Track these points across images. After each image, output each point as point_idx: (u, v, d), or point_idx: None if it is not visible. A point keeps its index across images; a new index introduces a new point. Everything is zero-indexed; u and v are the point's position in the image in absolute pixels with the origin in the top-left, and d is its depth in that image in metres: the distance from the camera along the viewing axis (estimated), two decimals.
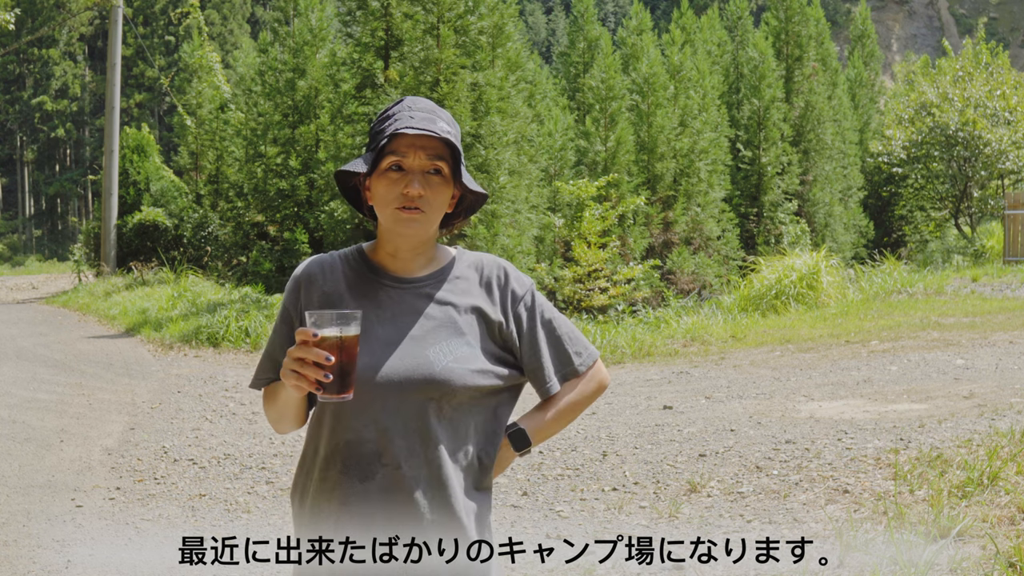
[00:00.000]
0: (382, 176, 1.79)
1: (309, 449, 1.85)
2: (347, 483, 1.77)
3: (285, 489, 5.49)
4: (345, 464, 1.78)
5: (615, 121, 17.50)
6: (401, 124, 1.77)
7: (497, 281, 1.89)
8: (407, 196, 1.76)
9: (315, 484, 1.81)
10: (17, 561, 4.37)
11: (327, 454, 1.80)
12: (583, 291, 14.32)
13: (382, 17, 13.43)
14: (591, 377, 1.98)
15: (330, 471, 1.79)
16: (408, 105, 1.81)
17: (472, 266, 1.90)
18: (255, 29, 54.64)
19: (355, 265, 1.87)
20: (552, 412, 1.93)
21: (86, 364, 10.39)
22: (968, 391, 6.84)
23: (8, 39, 39.83)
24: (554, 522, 4.61)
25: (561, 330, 1.94)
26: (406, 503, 1.77)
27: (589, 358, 1.96)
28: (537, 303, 1.92)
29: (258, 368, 1.90)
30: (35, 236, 52.98)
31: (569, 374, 1.94)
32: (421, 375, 1.76)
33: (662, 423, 6.59)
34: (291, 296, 1.86)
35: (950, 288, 13.86)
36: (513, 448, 1.90)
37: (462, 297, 1.85)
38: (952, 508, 4.03)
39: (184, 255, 19.44)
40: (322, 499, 1.80)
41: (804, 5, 23.25)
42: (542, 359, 1.90)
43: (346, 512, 1.77)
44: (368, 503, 1.77)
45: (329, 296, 1.82)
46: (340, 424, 1.78)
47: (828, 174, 22.50)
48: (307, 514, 1.82)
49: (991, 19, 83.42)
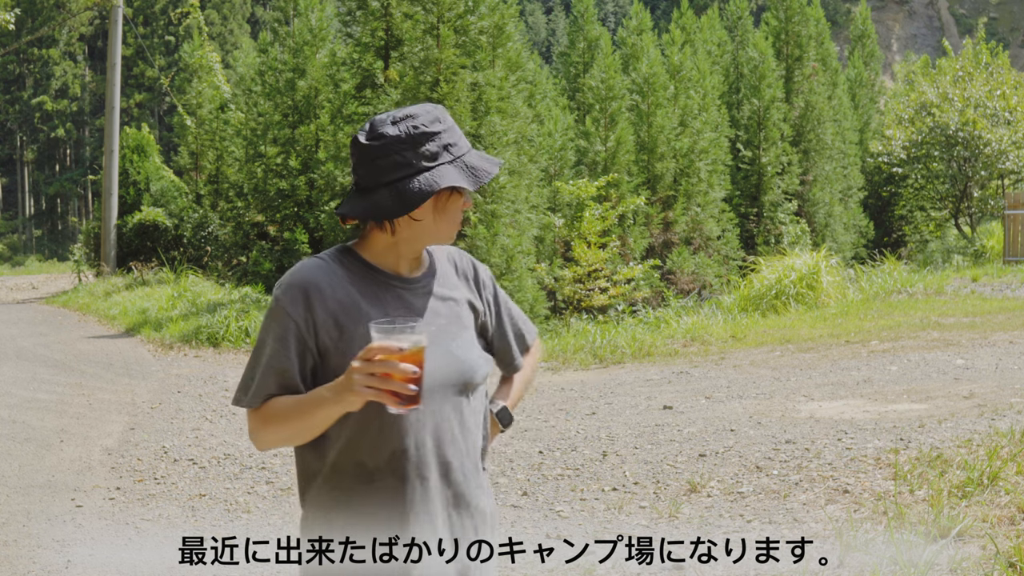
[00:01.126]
0: (456, 197, 1.85)
1: (345, 462, 1.79)
2: (409, 488, 1.79)
3: (285, 489, 5.48)
4: (404, 470, 1.79)
5: (615, 121, 17.50)
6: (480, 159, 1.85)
7: (471, 272, 2.00)
8: (463, 212, 1.88)
9: (364, 495, 1.78)
10: (17, 561, 4.37)
11: (376, 465, 1.78)
12: (583, 291, 14.32)
13: (382, 17, 13.43)
14: (536, 347, 2.16)
15: (387, 479, 1.78)
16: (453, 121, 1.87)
17: (447, 259, 1.98)
18: (255, 29, 54.63)
19: (355, 269, 1.85)
20: (519, 386, 2.09)
21: (86, 364, 10.39)
22: (968, 391, 6.84)
23: (8, 39, 39.83)
24: (554, 522, 4.61)
25: (514, 309, 2.09)
26: (458, 495, 1.85)
27: (533, 331, 2.14)
28: (498, 288, 2.06)
29: (256, 385, 1.78)
30: (35, 236, 52.96)
31: (524, 349, 2.10)
32: (456, 372, 1.83)
33: (662, 423, 6.59)
34: (298, 307, 1.77)
35: (950, 288, 13.85)
36: (502, 425, 2.02)
37: (455, 291, 1.93)
38: (952, 508, 4.03)
39: (184, 255, 19.44)
40: (377, 507, 1.78)
41: (804, 5, 23.24)
42: (509, 339, 2.05)
43: (413, 514, 1.79)
44: (430, 502, 1.81)
45: (344, 304, 1.79)
46: (390, 432, 1.78)
47: (828, 174, 22.50)
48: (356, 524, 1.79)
49: (991, 19, 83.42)
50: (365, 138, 1.81)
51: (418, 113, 1.83)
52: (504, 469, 5.63)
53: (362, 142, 1.81)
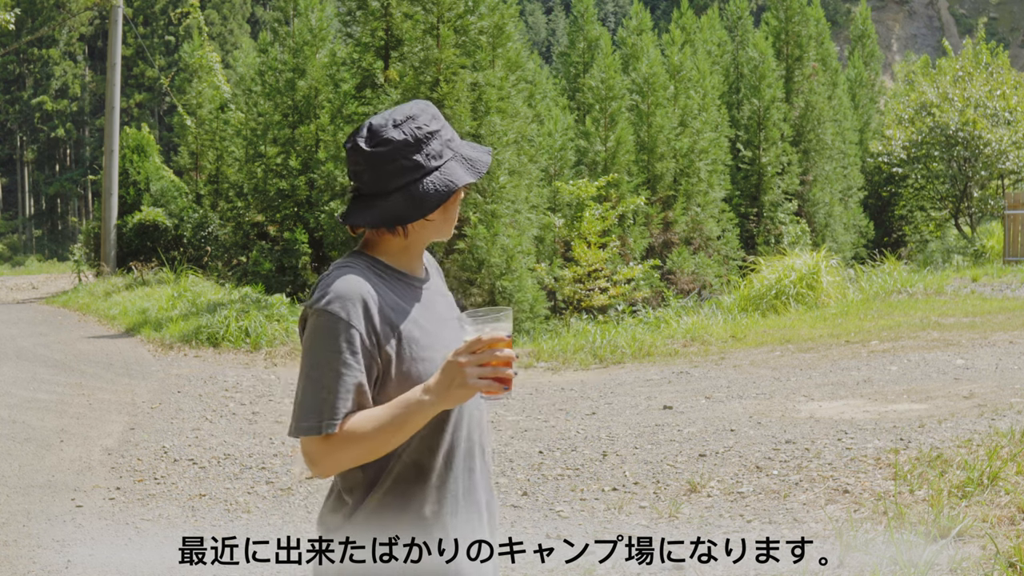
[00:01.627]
0: (457, 194, 1.87)
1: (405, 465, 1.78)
2: (460, 481, 1.84)
3: (285, 489, 5.48)
4: (457, 464, 1.83)
5: (615, 121, 17.49)
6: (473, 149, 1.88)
7: (437, 268, 2.05)
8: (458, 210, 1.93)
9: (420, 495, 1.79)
10: (17, 561, 4.37)
11: (433, 463, 1.80)
12: (583, 291, 14.32)
13: (382, 17, 13.43)
14: None
15: (441, 475, 1.81)
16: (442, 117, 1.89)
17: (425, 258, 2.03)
18: (255, 29, 54.62)
19: (384, 273, 1.85)
20: None
21: (86, 364, 10.39)
22: (968, 391, 6.84)
23: (8, 39, 39.83)
24: (554, 522, 4.61)
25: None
26: (487, 478, 1.92)
27: None
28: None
29: (333, 406, 1.70)
30: (35, 236, 52.96)
31: None
32: None
33: (662, 423, 6.59)
34: (358, 318, 1.72)
35: (950, 288, 13.85)
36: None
37: (443, 286, 2.01)
38: (952, 508, 4.03)
39: (184, 255, 19.43)
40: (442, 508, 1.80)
41: (804, 5, 23.24)
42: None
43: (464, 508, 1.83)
44: (476, 492, 1.87)
45: (394, 309, 1.80)
46: (442, 428, 1.81)
47: (828, 174, 22.49)
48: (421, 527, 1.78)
49: (991, 19, 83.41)
50: (368, 145, 1.79)
51: (417, 113, 1.82)
52: (504, 469, 5.63)
53: (366, 149, 1.78)
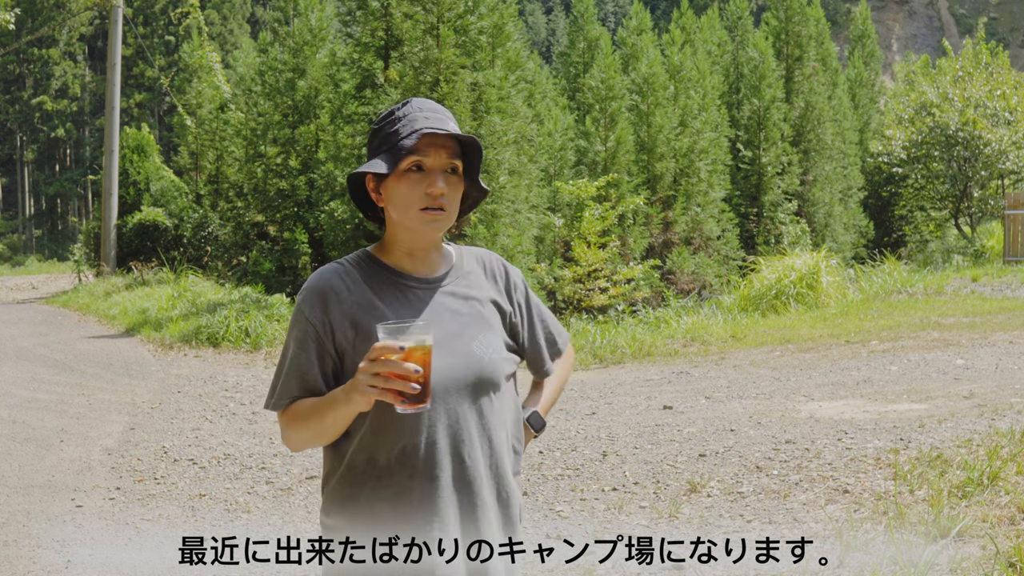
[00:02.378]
0: (403, 177, 1.81)
1: (359, 459, 1.81)
2: (419, 485, 1.79)
3: (285, 489, 5.49)
4: (413, 466, 1.79)
5: (615, 121, 17.49)
6: (420, 124, 1.80)
7: (499, 273, 1.99)
8: (431, 195, 1.80)
9: (373, 492, 1.80)
10: (17, 561, 4.37)
11: (389, 460, 1.79)
12: (583, 291, 14.32)
13: (382, 17, 13.42)
14: (568, 354, 2.14)
15: (395, 476, 1.79)
16: (419, 107, 1.84)
17: (475, 260, 1.97)
18: (255, 29, 54.62)
19: (372, 270, 1.87)
20: (550, 391, 2.07)
21: (86, 364, 10.39)
22: (968, 391, 6.84)
23: (8, 39, 39.83)
24: (554, 522, 4.61)
25: (546, 314, 2.08)
26: (472, 495, 1.83)
27: (566, 337, 2.13)
28: (529, 291, 2.05)
29: (280, 388, 1.84)
30: (35, 236, 52.96)
31: (555, 354, 2.09)
32: (473, 372, 1.82)
33: (662, 423, 6.59)
34: (316, 311, 1.81)
35: (950, 288, 13.86)
36: (534, 430, 2.00)
37: (480, 291, 1.92)
38: (952, 508, 4.03)
39: (184, 255, 19.44)
40: (386, 505, 1.79)
41: (804, 5, 23.24)
42: (540, 343, 2.04)
43: (421, 512, 1.79)
44: (439, 501, 1.80)
45: (361, 306, 1.81)
46: (403, 428, 1.78)
47: (828, 174, 22.49)
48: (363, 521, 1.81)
49: (991, 19, 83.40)
50: None
51: (391, 109, 1.87)
52: None
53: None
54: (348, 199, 13.40)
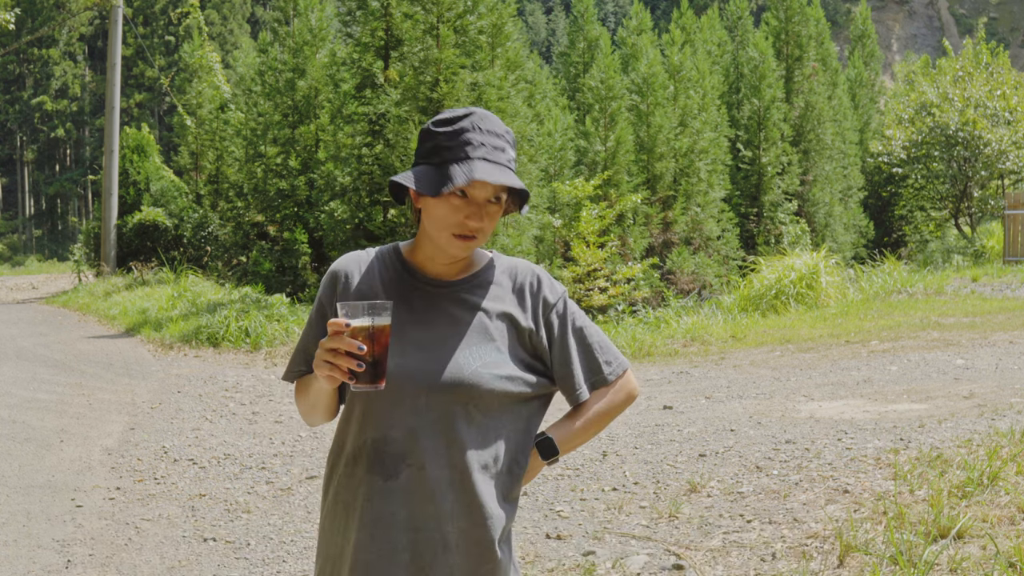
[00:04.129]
0: (444, 199, 1.74)
1: (336, 445, 1.86)
2: (371, 480, 1.78)
3: (285, 489, 5.49)
4: (371, 461, 1.78)
5: (615, 121, 17.49)
6: (477, 155, 1.72)
7: (530, 288, 1.87)
8: (467, 227, 1.74)
9: (340, 479, 1.84)
10: (17, 561, 4.37)
11: (353, 451, 1.81)
12: (583, 291, 14.32)
13: (382, 17, 13.43)
14: (620, 387, 1.94)
15: (356, 467, 1.80)
16: (479, 126, 1.75)
17: (506, 272, 1.88)
18: (255, 29, 54.63)
19: (391, 265, 1.87)
20: (580, 421, 1.91)
21: (86, 364, 10.39)
22: (968, 391, 6.84)
23: (8, 39, 39.83)
24: (554, 522, 4.61)
25: (592, 339, 1.91)
26: (427, 504, 1.75)
27: (619, 367, 1.94)
28: (569, 311, 1.90)
29: (291, 361, 1.93)
30: (35, 236, 52.97)
31: (598, 383, 1.92)
32: (451, 378, 1.75)
33: (662, 423, 6.59)
34: (326, 290, 1.87)
35: (950, 288, 13.86)
36: (541, 457, 1.88)
37: (494, 303, 1.84)
38: (952, 508, 4.03)
39: (184, 255, 19.44)
40: (347, 494, 1.81)
41: (804, 5, 23.25)
42: (572, 367, 1.89)
43: (369, 509, 1.78)
44: (390, 502, 1.76)
45: (363, 294, 1.83)
46: (369, 422, 1.79)
47: (828, 174, 22.50)
48: (329, 506, 1.86)
49: (991, 19, 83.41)
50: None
51: (446, 113, 1.79)
52: None
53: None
54: (348, 199, 13.39)
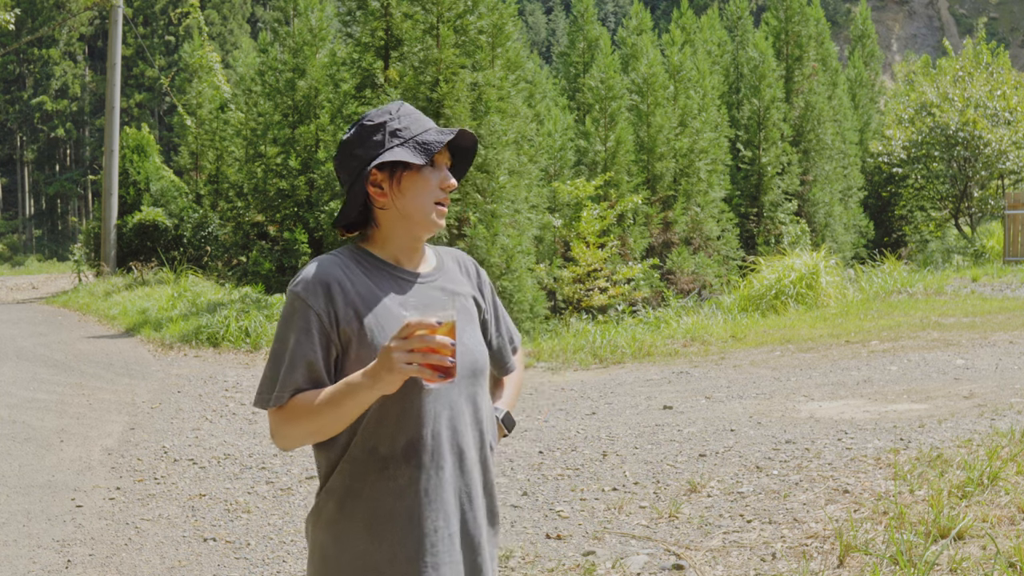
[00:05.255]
0: (418, 173, 1.87)
1: (359, 451, 1.80)
2: (424, 477, 1.81)
3: (285, 489, 5.49)
4: (421, 459, 1.80)
5: (615, 121, 17.49)
6: (427, 124, 1.90)
7: (472, 271, 2.05)
8: (445, 189, 1.89)
9: (376, 484, 1.80)
10: (17, 561, 4.37)
11: (393, 453, 1.79)
12: (583, 291, 14.32)
13: (382, 17, 13.42)
14: (521, 352, 2.19)
15: (401, 468, 1.80)
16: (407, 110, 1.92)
17: (450, 258, 2.03)
18: (255, 29, 54.63)
19: (369, 263, 1.89)
20: (512, 390, 2.12)
21: (86, 364, 10.39)
22: (968, 391, 6.84)
23: (8, 39, 39.83)
24: (554, 522, 4.61)
25: (505, 313, 2.13)
26: (471, 486, 1.88)
27: (519, 337, 2.17)
28: (494, 291, 2.09)
29: (283, 380, 1.78)
30: (35, 236, 52.96)
31: (513, 351, 2.14)
32: (469, 364, 1.86)
33: (662, 423, 6.59)
34: (321, 300, 1.79)
35: (950, 288, 13.85)
36: (506, 429, 2.03)
37: (461, 287, 1.97)
38: (952, 508, 4.03)
39: (184, 255, 19.44)
40: (389, 497, 1.80)
41: (804, 5, 23.25)
42: (503, 339, 2.09)
43: (427, 503, 1.81)
44: (444, 491, 1.83)
45: (364, 296, 1.83)
46: (409, 419, 1.80)
47: (828, 174, 22.50)
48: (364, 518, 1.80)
49: (991, 19, 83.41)
50: (336, 152, 1.93)
51: (370, 112, 1.91)
52: (504, 469, 5.63)
53: (335, 157, 1.93)
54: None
